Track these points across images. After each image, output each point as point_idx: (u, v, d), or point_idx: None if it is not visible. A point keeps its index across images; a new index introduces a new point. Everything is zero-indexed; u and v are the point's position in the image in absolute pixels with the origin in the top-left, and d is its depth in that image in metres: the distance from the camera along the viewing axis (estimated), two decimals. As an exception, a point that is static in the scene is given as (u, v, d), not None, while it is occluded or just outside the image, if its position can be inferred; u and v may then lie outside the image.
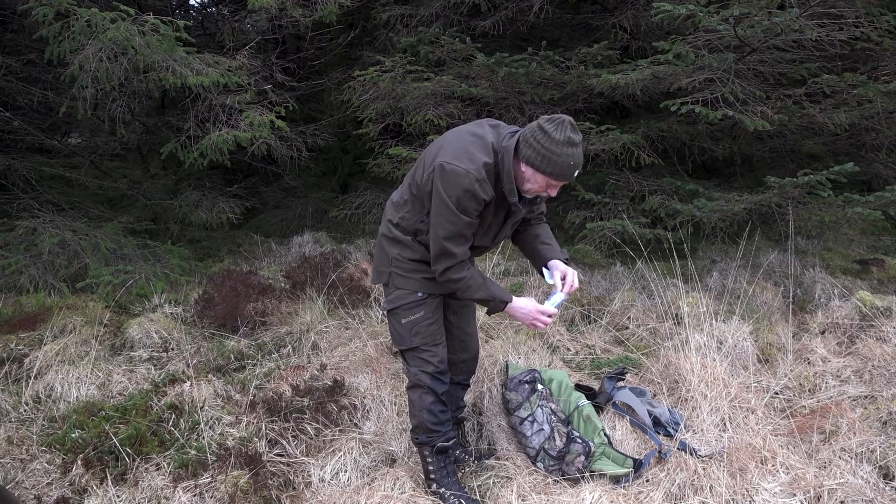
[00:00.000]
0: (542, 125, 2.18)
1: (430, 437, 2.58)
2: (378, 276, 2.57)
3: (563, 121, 2.18)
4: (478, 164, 2.21)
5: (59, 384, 3.50)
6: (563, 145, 2.16)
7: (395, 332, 2.54)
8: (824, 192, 4.58)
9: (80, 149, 7.74)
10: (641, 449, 2.85)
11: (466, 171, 2.18)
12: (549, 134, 2.16)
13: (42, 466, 2.81)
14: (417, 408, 2.57)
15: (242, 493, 2.59)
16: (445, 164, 2.21)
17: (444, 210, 2.24)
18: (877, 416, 3.04)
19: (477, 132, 2.30)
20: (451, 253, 2.30)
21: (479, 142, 2.26)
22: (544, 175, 2.21)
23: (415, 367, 2.54)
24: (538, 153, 2.18)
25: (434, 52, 5.83)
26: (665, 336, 4.05)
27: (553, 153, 2.16)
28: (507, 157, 2.24)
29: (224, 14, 7.32)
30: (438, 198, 2.24)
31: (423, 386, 2.53)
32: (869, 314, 4.19)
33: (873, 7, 4.81)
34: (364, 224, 6.96)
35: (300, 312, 4.53)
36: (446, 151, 2.26)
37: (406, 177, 2.52)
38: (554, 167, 2.18)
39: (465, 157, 2.21)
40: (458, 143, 2.28)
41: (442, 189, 2.22)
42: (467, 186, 2.19)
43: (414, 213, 2.40)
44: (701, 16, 4.42)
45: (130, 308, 4.88)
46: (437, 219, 2.27)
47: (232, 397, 3.40)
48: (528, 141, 2.21)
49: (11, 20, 5.99)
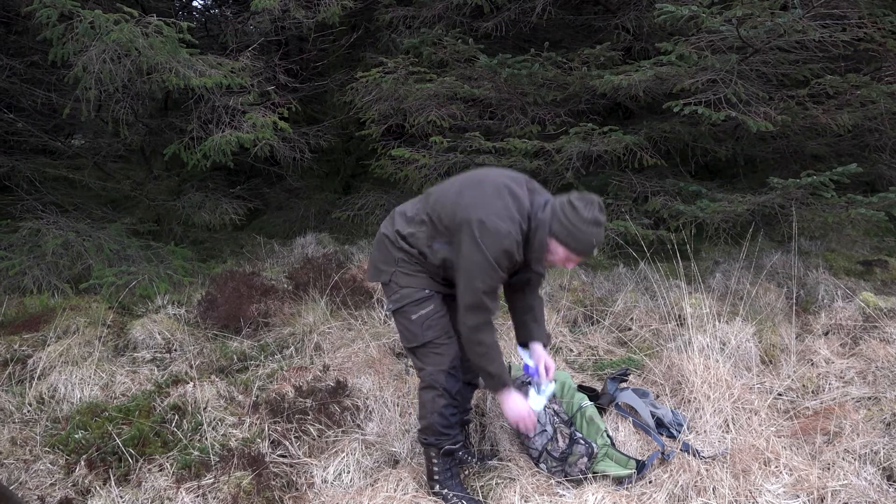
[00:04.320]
0: (573, 201, 2.28)
1: (439, 440, 2.57)
2: (377, 273, 2.56)
3: (592, 201, 2.28)
4: (517, 227, 2.28)
5: (62, 385, 3.51)
6: (590, 224, 2.27)
7: (406, 331, 2.52)
8: (827, 193, 4.57)
9: (83, 150, 7.76)
10: (644, 450, 2.85)
11: (508, 232, 2.25)
12: (579, 212, 2.27)
13: (45, 467, 2.82)
14: (429, 410, 2.54)
15: (245, 494, 2.59)
16: (487, 221, 2.24)
17: (484, 264, 2.27)
18: (880, 418, 3.03)
19: (517, 193, 2.34)
20: (486, 307, 2.34)
21: (518, 204, 2.31)
22: (567, 249, 2.31)
23: (430, 367, 2.50)
24: (565, 228, 2.28)
25: (437, 54, 5.84)
26: (668, 337, 4.04)
27: (579, 230, 2.27)
28: (541, 229, 2.31)
29: (227, 15, 7.34)
30: (477, 251, 2.26)
31: (437, 387, 2.50)
32: (872, 315, 4.18)
33: (877, 8, 4.80)
34: (367, 225, 6.97)
35: (303, 313, 4.54)
36: (487, 207, 2.28)
37: (423, 197, 2.52)
38: (578, 243, 2.29)
39: (508, 218, 2.27)
40: (499, 200, 2.30)
41: (483, 244, 2.25)
42: (507, 247, 2.26)
43: (424, 237, 2.44)
44: (704, 17, 4.42)
45: (134, 309, 4.89)
46: (475, 271, 2.29)
47: (235, 398, 3.40)
48: (557, 216, 2.29)
49: (15, 22, 6.01)
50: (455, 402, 2.56)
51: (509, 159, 5.27)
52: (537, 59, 5.20)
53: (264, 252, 6.67)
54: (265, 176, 8.39)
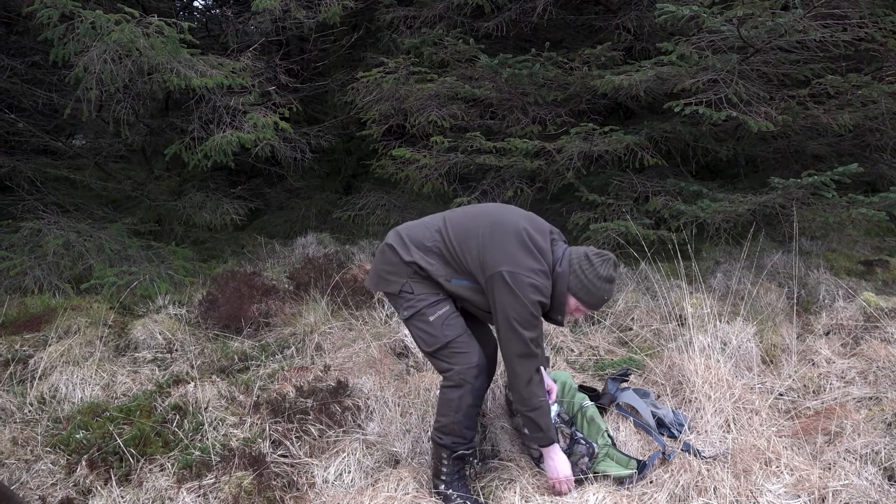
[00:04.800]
0: (591, 257, 2.37)
1: (456, 443, 2.52)
2: (385, 283, 2.53)
3: (608, 258, 2.38)
4: (548, 279, 2.36)
5: (63, 385, 3.51)
6: (605, 281, 2.37)
7: (425, 334, 2.47)
8: (828, 193, 4.56)
9: (84, 150, 7.77)
10: (645, 450, 2.84)
11: (544, 286, 2.34)
12: (596, 268, 2.36)
13: (47, 467, 2.82)
14: (454, 408, 2.48)
15: (246, 494, 2.59)
16: (521, 276, 2.29)
17: (525, 313, 2.31)
18: (881, 418, 3.03)
19: (542, 246, 2.39)
20: (536, 355, 2.38)
21: (544, 259, 2.37)
22: (579, 302, 2.40)
23: (458, 365, 2.46)
24: (581, 283, 2.36)
25: (437, 54, 5.84)
26: (669, 337, 4.04)
27: (594, 286, 2.36)
28: (559, 283, 2.38)
29: (228, 16, 7.35)
30: (517, 301, 2.30)
31: (466, 385, 2.45)
32: (873, 315, 4.17)
33: (877, 8, 4.80)
34: (367, 225, 6.97)
35: (304, 313, 4.54)
36: (516, 258, 2.32)
37: (438, 224, 2.51)
38: (591, 298, 2.39)
39: (540, 272, 2.33)
40: (528, 252, 2.34)
41: (521, 295, 2.29)
42: (541, 298, 2.34)
43: (443, 271, 2.45)
44: (704, 17, 4.41)
45: (135, 309, 4.89)
46: (519, 320, 2.32)
47: (236, 398, 3.40)
48: (574, 271, 2.37)
49: (16, 22, 6.02)
50: (480, 403, 2.55)
51: (510, 159, 5.27)
52: (538, 59, 5.20)
53: (265, 252, 6.67)
54: (266, 176, 8.40)
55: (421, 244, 2.48)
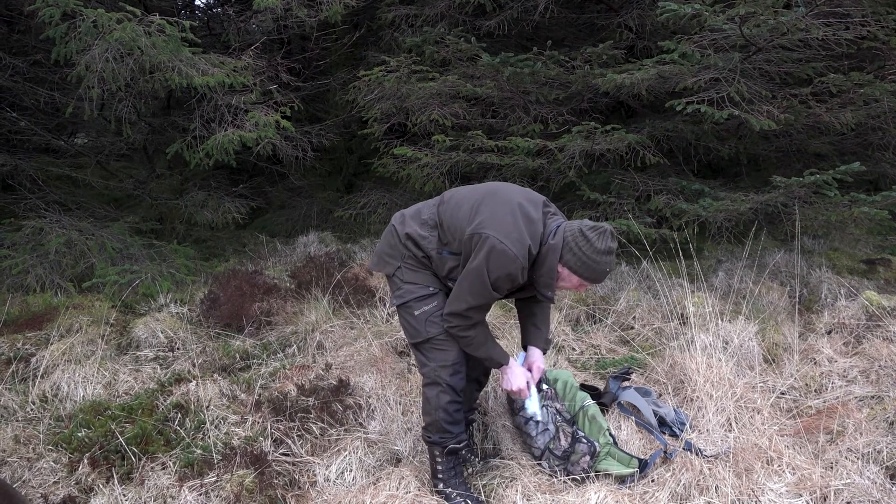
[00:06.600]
0: (585, 232, 2.30)
1: (443, 438, 2.56)
2: (382, 264, 2.58)
3: (605, 230, 2.31)
4: (525, 250, 2.29)
5: (65, 383, 3.51)
6: (603, 254, 2.30)
7: (409, 326, 2.53)
8: (831, 192, 4.56)
9: (86, 149, 7.78)
10: (647, 449, 2.84)
11: (515, 257, 2.26)
12: (592, 242, 2.29)
13: (49, 465, 2.83)
14: (433, 406, 2.54)
15: (248, 493, 2.60)
16: (496, 243, 2.26)
17: (479, 283, 2.31)
18: (883, 417, 3.02)
19: (531, 215, 2.35)
20: (469, 318, 2.40)
21: (532, 228, 2.33)
22: (580, 278, 2.35)
23: (433, 363, 2.51)
24: (578, 259, 2.30)
25: (439, 52, 5.84)
26: (670, 336, 4.04)
27: (592, 260, 2.30)
28: (550, 255, 2.33)
29: (229, 14, 7.33)
30: (479, 269, 2.29)
31: (441, 384, 2.50)
32: (876, 314, 4.17)
33: (880, 6, 4.79)
34: (369, 224, 6.97)
35: (305, 312, 4.54)
36: (499, 224, 2.30)
37: (439, 200, 2.54)
38: (591, 273, 2.33)
39: (518, 241, 2.28)
40: (512, 220, 2.31)
41: (485, 264, 2.28)
42: (511, 271, 2.28)
43: (435, 242, 2.47)
44: (706, 15, 4.41)
45: (136, 308, 4.90)
46: (470, 286, 2.33)
47: (237, 397, 3.40)
48: (569, 245, 2.31)
49: (18, 21, 6.02)
50: (459, 398, 2.56)
51: (511, 158, 5.27)
52: (540, 57, 5.19)
53: (267, 251, 6.67)
54: (268, 175, 8.40)
55: (418, 217, 2.54)
